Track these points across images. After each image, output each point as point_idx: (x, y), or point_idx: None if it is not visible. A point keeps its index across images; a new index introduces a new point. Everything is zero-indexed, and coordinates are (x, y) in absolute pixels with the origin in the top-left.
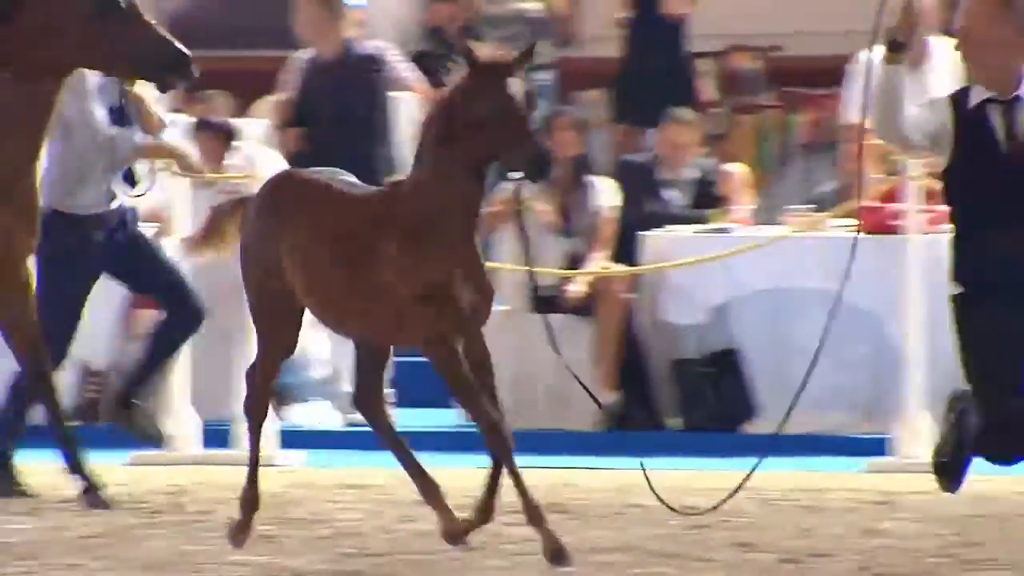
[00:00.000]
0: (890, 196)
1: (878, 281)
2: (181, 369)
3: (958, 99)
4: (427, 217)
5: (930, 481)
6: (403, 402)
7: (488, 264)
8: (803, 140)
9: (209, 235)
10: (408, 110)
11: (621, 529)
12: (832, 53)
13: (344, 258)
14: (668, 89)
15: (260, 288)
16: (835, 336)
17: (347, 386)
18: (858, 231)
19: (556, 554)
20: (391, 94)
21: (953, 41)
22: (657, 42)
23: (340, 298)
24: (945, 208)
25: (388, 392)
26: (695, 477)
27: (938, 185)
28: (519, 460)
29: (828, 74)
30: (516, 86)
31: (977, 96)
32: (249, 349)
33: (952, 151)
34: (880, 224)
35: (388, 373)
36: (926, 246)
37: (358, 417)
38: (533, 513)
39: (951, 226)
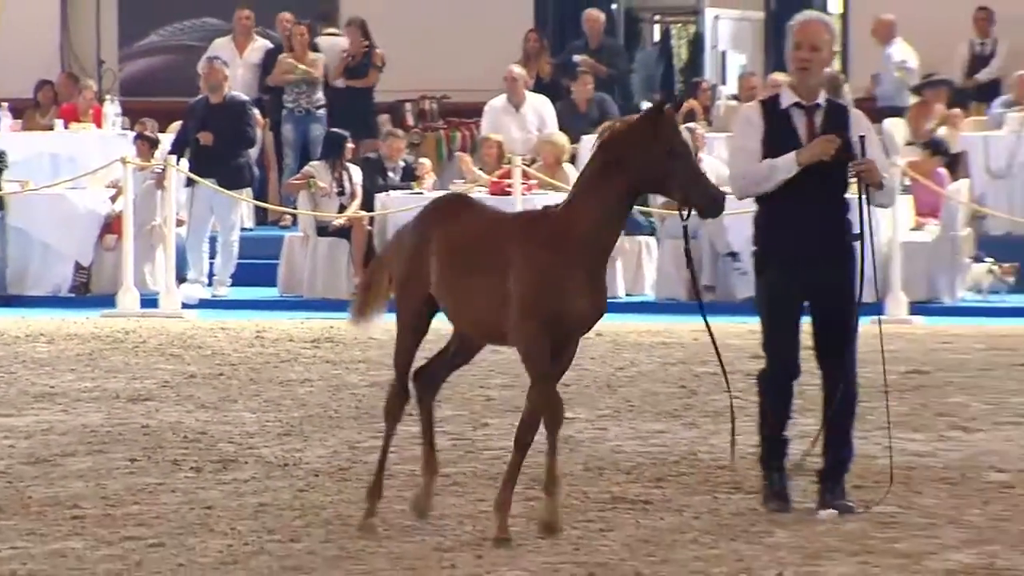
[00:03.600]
0: (505, 175)
1: None
2: None
3: (767, 103)
4: (571, 237)
5: None
6: None
7: (294, 211)
8: (459, 147)
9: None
10: None
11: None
12: (474, 100)
13: (479, 267)
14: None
15: (404, 288)
16: None
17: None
18: None
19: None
20: None
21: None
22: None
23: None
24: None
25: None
26: None
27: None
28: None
29: (473, 110)
30: (685, 132)
31: (786, 101)
32: None
33: (763, 145)
34: (501, 189)
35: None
36: (523, 202)
37: (217, 291)
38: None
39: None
